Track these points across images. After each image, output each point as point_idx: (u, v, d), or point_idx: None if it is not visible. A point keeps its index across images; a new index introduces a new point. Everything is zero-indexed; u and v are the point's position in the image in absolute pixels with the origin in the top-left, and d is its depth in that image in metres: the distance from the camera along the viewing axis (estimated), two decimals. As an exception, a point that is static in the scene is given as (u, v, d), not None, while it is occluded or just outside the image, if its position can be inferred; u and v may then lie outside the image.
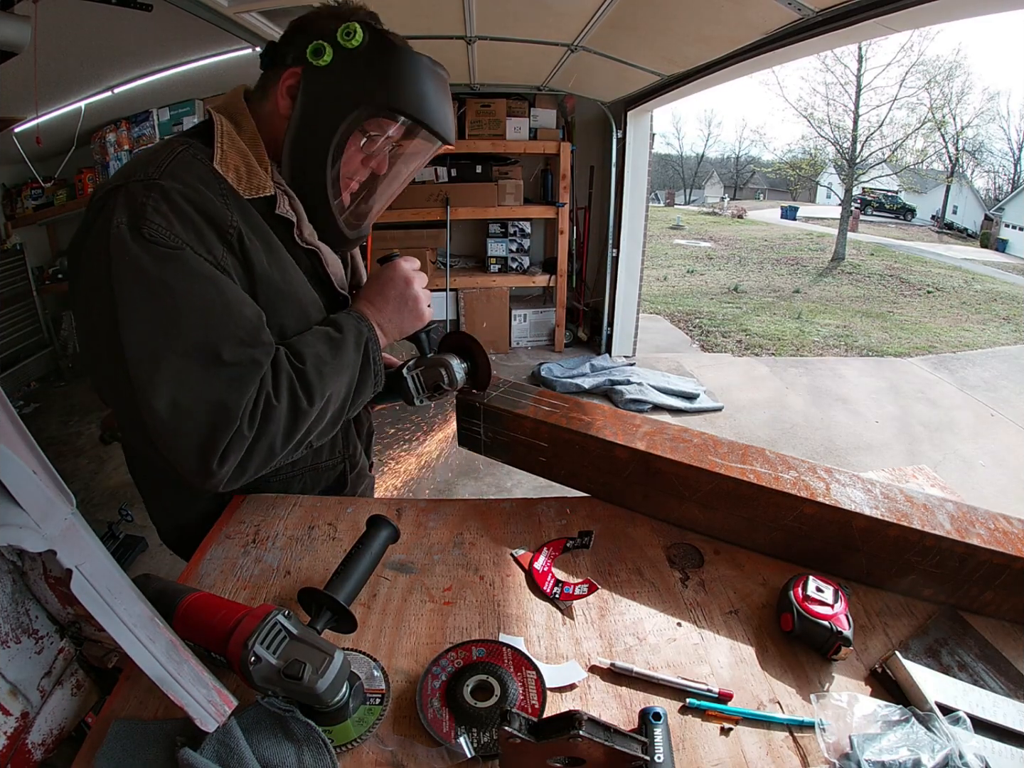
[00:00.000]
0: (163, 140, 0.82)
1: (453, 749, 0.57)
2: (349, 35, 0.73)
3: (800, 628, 0.68)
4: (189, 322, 0.67)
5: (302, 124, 0.77)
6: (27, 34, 1.66)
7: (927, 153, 16.05)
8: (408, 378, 0.89)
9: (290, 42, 0.79)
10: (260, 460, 0.72)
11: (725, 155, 37.42)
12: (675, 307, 7.72)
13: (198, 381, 0.66)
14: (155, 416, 0.65)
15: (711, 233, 15.82)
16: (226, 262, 0.71)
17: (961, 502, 0.81)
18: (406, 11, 2.31)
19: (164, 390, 0.65)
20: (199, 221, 0.69)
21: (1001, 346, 6.58)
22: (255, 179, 0.75)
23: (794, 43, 2.01)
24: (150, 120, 4.08)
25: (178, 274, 0.66)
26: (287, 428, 0.72)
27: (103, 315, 0.66)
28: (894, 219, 23.33)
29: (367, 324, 0.84)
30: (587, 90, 3.98)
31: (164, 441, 0.67)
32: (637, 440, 0.90)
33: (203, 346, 0.67)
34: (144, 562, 2.37)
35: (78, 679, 0.66)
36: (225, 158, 0.74)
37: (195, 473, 0.69)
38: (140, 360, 0.65)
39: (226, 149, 0.74)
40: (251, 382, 0.69)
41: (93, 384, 0.75)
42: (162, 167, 0.69)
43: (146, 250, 0.65)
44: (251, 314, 0.71)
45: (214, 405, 0.67)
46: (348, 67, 0.75)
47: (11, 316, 4.07)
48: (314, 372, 0.74)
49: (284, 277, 0.78)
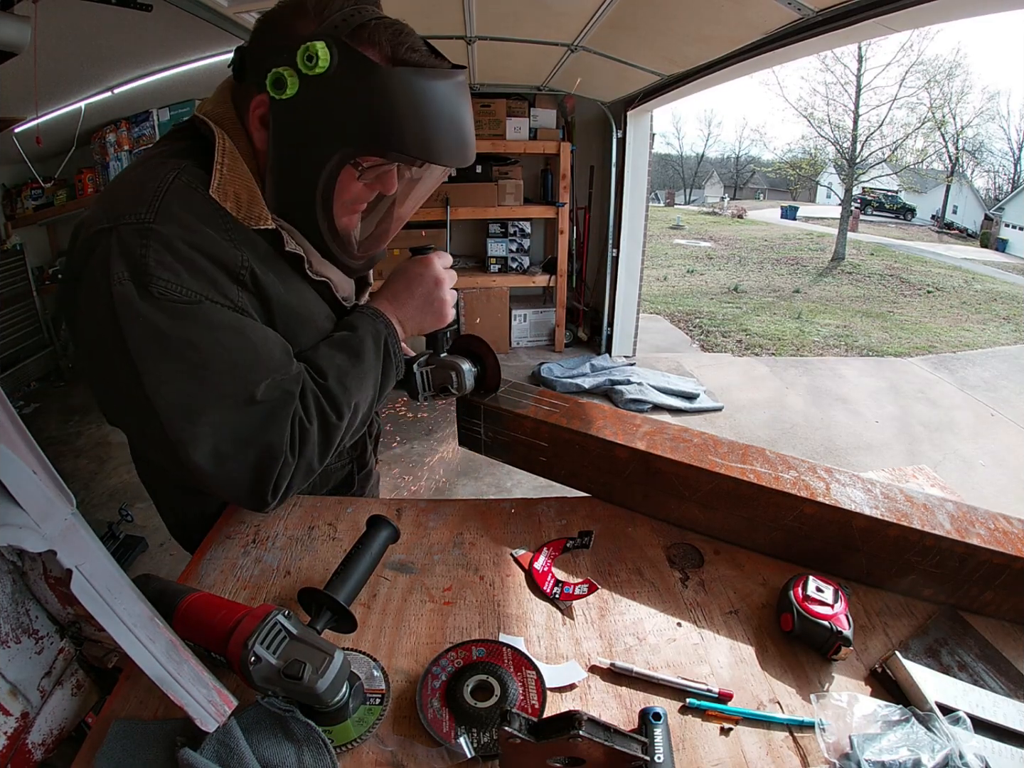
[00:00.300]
0: (148, 159, 0.70)
1: (453, 749, 0.57)
2: (311, 60, 0.59)
3: (800, 628, 0.68)
4: (219, 374, 0.64)
5: (279, 167, 0.68)
6: (27, 34, 1.66)
7: (927, 153, 16.06)
8: (417, 373, 0.89)
9: (254, 56, 0.67)
10: (301, 478, 0.72)
11: (725, 155, 37.47)
12: (675, 307, 7.72)
13: (238, 426, 0.65)
14: (199, 468, 0.64)
15: (711, 233, 15.82)
16: (243, 302, 0.68)
17: (961, 502, 0.81)
18: (406, 11, 2.29)
19: (204, 442, 0.63)
20: (209, 267, 0.64)
21: (1001, 346, 6.58)
22: (256, 208, 0.68)
23: (794, 43, 2.01)
24: (150, 120, 4.08)
25: (199, 329, 0.63)
26: (322, 446, 0.72)
27: (119, 371, 0.63)
28: (894, 219, 23.34)
29: (384, 320, 0.80)
30: (587, 90, 3.98)
31: (214, 486, 0.67)
32: (637, 440, 0.90)
33: (237, 393, 0.65)
34: (144, 562, 2.37)
35: (78, 679, 0.66)
36: (224, 185, 0.66)
37: (250, 505, 0.71)
38: (173, 417, 0.62)
39: (226, 173, 0.66)
40: (287, 414, 0.68)
41: (100, 405, 0.73)
42: (154, 206, 0.62)
43: (159, 308, 0.61)
44: (278, 351, 0.69)
45: (259, 446, 0.66)
46: (319, 99, 0.62)
47: (11, 316, 4.07)
48: (338, 386, 0.72)
49: (300, 301, 0.75)
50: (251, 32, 0.71)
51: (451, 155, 0.67)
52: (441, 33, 2.62)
